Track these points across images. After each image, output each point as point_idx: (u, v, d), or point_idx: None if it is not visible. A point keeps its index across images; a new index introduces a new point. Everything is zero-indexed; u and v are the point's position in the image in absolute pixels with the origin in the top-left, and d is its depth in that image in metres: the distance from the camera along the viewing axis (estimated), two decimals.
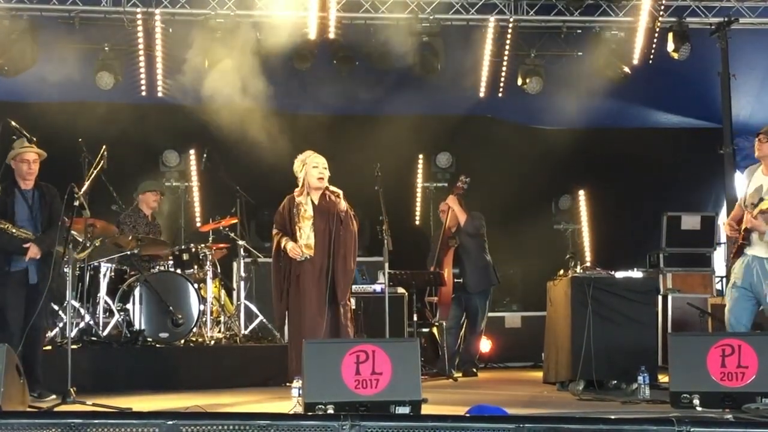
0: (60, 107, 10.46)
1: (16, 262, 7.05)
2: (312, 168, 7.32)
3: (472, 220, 9.35)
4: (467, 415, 5.49)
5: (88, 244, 8.45)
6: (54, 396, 7.02)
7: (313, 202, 7.35)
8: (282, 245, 7.37)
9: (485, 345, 10.48)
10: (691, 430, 4.60)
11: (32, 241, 7.09)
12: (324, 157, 7.44)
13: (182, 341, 8.88)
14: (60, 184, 7.34)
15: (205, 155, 10.19)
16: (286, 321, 7.63)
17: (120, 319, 8.85)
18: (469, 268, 9.34)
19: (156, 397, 7.88)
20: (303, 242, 7.29)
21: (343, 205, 7.29)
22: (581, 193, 11.80)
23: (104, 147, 7.58)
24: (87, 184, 7.41)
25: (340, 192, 7.34)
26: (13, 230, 6.94)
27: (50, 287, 7.13)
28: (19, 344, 6.82)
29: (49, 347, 8.08)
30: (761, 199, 6.83)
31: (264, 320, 9.62)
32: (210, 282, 9.37)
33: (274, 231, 7.54)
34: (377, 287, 9.45)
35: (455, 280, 9.28)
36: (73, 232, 7.01)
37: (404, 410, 5.81)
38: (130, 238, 9.07)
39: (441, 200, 10.05)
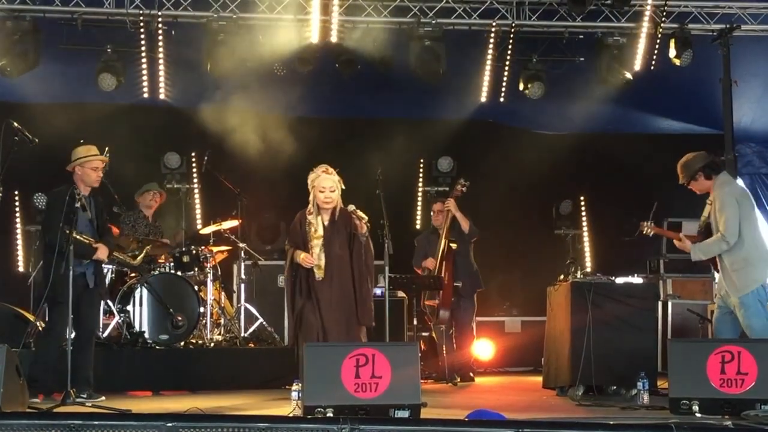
0: (62, 108, 10.47)
1: (77, 266, 7.10)
2: (319, 192, 7.26)
3: (471, 224, 9.36)
4: (466, 419, 5.50)
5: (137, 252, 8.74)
6: (103, 397, 7.23)
7: (323, 222, 7.30)
8: (294, 258, 7.29)
9: (486, 350, 10.50)
10: None
11: (101, 242, 7.37)
12: (333, 174, 7.29)
13: (182, 343, 8.89)
14: (62, 186, 7.37)
15: (206, 158, 10.20)
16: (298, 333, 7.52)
17: (120, 321, 8.87)
18: (464, 273, 9.35)
19: (155, 399, 7.90)
20: (316, 262, 7.24)
21: (365, 229, 7.21)
22: (582, 198, 11.80)
23: (106, 149, 7.60)
24: None
25: (365, 217, 7.28)
26: (79, 237, 7.03)
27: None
28: (60, 344, 7.17)
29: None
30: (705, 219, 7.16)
31: (264, 323, 9.63)
32: (210, 284, 9.38)
33: (287, 246, 7.46)
34: (377, 291, 9.42)
35: (454, 284, 9.28)
36: (77, 236, 7.04)
37: (403, 414, 5.82)
38: (131, 239, 9.09)
39: (434, 201, 10.04)
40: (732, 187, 7.28)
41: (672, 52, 10.11)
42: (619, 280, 8.15)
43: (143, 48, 9.81)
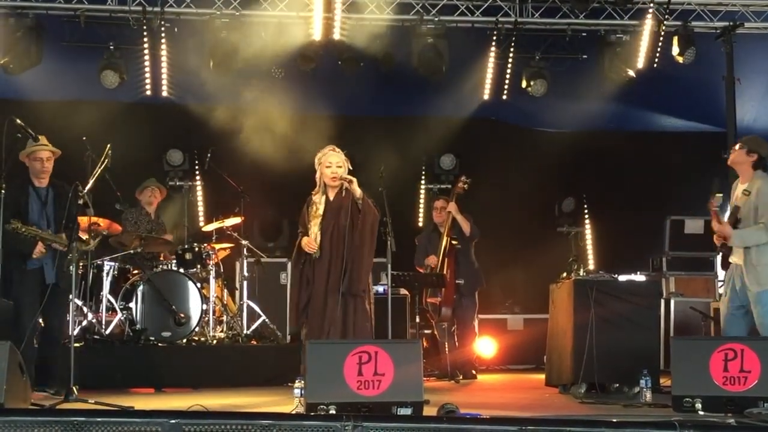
0: (65, 106, 10.47)
1: (31, 261, 7.06)
2: (325, 168, 7.24)
3: (473, 226, 9.34)
4: (467, 416, 5.49)
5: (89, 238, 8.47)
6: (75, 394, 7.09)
7: (328, 200, 7.28)
8: (300, 245, 7.23)
9: (488, 347, 10.49)
10: None
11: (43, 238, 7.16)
12: (340, 153, 7.28)
13: (184, 340, 8.89)
14: (65, 183, 7.37)
15: (209, 155, 10.19)
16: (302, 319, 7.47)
17: (123, 318, 8.88)
18: (465, 271, 9.34)
19: (158, 396, 7.90)
20: (315, 248, 7.19)
21: (359, 191, 7.15)
22: (585, 196, 11.79)
23: (108, 146, 7.59)
24: (91, 182, 7.44)
25: (353, 179, 7.21)
26: (23, 230, 6.96)
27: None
28: (24, 341, 6.93)
29: None
30: (736, 207, 6.99)
31: (266, 320, 9.63)
32: (213, 281, 9.38)
33: (299, 232, 7.40)
34: (380, 288, 9.44)
35: (456, 282, 9.28)
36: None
37: (406, 411, 5.81)
38: (134, 236, 9.09)
39: (436, 198, 10.04)
40: None
41: (675, 50, 10.11)
42: (622, 278, 8.14)
43: (146, 45, 9.81)
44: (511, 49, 10.23)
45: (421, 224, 11.68)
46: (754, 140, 7.21)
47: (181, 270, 9.18)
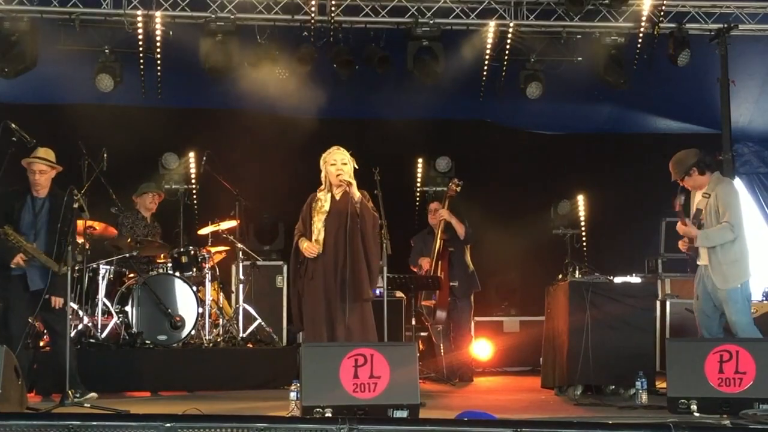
0: (60, 109, 10.47)
1: (15, 267, 7.04)
2: (330, 166, 7.16)
3: (467, 229, 9.34)
4: (465, 419, 5.50)
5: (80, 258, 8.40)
6: (94, 394, 7.18)
7: (334, 199, 7.16)
8: (297, 245, 7.10)
9: (484, 349, 10.49)
10: None
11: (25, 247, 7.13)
12: (345, 152, 7.24)
13: (180, 344, 8.89)
14: (60, 186, 7.37)
15: (204, 158, 10.19)
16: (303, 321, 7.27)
17: (118, 321, 8.87)
18: (459, 273, 9.34)
19: (154, 400, 7.90)
20: (314, 237, 7.03)
21: (357, 195, 7.03)
22: (580, 198, 11.79)
23: (104, 149, 7.60)
24: (86, 186, 7.43)
25: (353, 182, 7.10)
26: (11, 238, 6.93)
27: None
28: (17, 347, 6.90)
29: (47, 348, 8.11)
30: (698, 210, 7.18)
31: (262, 323, 9.63)
32: (208, 285, 9.37)
33: (296, 229, 7.25)
34: (376, 291, 9.43)
35: (451, 284, 9.28)
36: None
37: (402, 414, 5.82)
38: (129, 240, 9.08)
39: (431, 201, 10.04)
40: (733, 185, 7.44)
41: (670, 52, 10.12)
42: (618, 280, 8.16)
43: (141, 48, 9.80)
44: (506, 52, 10.23)
45: (416, 227, 11.67)
46: (677, 163, 7.41)
47: (177, 273, 9.17)
